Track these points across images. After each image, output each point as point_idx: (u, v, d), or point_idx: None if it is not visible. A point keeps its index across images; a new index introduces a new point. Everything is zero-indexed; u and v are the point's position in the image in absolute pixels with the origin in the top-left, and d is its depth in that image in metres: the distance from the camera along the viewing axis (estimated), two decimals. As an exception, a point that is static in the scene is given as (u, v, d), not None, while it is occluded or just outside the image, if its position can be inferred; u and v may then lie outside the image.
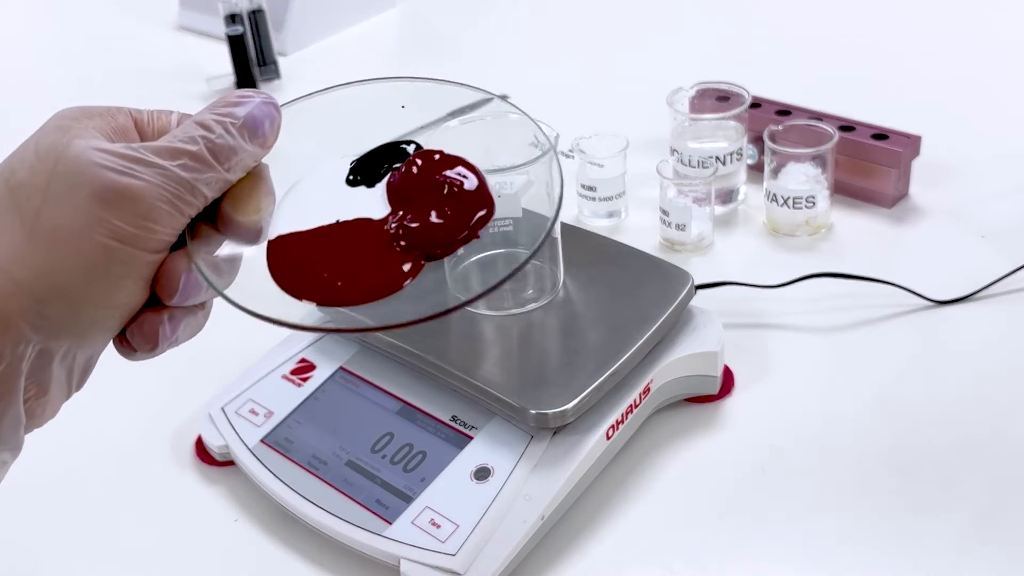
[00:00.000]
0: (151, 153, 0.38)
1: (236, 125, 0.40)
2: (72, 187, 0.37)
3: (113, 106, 0.41)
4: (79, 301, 0.37)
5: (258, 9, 1.30)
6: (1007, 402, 0.76)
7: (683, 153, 0.97)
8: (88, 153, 0.37)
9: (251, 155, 0.41)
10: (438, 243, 0.42)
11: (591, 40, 1.40)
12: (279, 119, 0.42)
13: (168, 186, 0.38)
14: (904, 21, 1.35)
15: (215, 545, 0.71)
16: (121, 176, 0.37)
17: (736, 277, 0.87)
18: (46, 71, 1.49)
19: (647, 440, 0.75)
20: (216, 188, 0.40)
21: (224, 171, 0.39)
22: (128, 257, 0.37)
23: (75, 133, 0.38)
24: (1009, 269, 0.87)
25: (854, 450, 0.73)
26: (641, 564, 0.67)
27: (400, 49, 1.51)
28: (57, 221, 0.36)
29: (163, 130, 0.41)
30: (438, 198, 0.42)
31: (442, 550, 0.64)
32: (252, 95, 0.41)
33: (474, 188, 0.43)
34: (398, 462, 0.69)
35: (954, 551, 0.66)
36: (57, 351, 0.38)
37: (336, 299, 0.41)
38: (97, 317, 0.38)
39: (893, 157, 0.95)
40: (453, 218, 0.42)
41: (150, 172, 0.37)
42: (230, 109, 0.40)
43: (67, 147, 0.37)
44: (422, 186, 0.43)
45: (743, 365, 0.80)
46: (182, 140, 0.39)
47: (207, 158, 0.39)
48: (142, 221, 0.37)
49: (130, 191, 0.37)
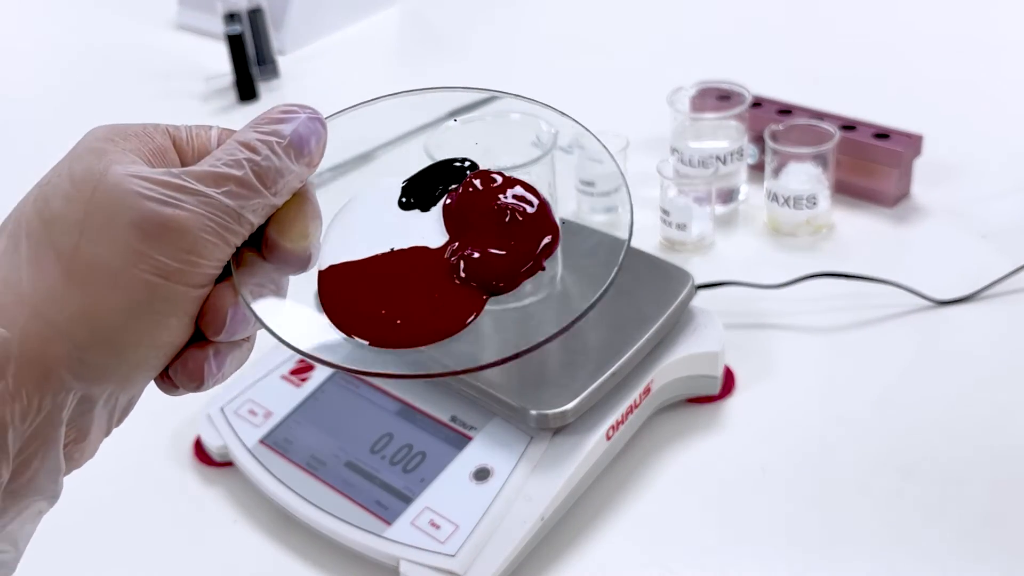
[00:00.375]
0: (194, 180, 0.35)
1: (282, 145, 0.37)
2: (111, 219, 0.34)
3: (149, 124, 0.38)
4: (122, 344, 0.35)
5: (257, 8, 1.30)
6: (1008, 402, 0.76)
7: (684, 152, 0.97)
8: (127, 181, 0.34)
9: (297, 176, 0.38)
10: (502, 276, 0.39)
11: (592, 38, 1.40)
12: (325, 136, 0.39)
13: (213, 216, 0.35)
14: (905, 20, 1.35)
15: (214, 546, 0.71)
16: (163, 207, 0.34)
17: (737, 277, 0.87)
18: (45, 70, 1.49)
19: (647, 441, 0.74)
20: (262, 214, 0.37)
21: (271, 195, 0.37)
22: (172, 294, 0.35)
23: (112, 157, 0.35)
24: (1011, 269, 0.86)
25: (855, 450, 0.73)
26: (641, 565, 0.67)
27: (400, 48, 1.50)
28: (96, 257, 0.34)
29: (203, 149, 0.39)
30: (499, 226, 0.39)
31: (442, 551, 0.63)
32: (296, 110, 0.38)
33: (537, 213, 0.40)
34: (397, 463, 0.69)
35: (955, 551, 0.65)
36: (99, 396, 0.36)
37: (394, 340, 0.37)
38: (140, 359, 0.36)
39: (894, 157, 0.95)
40: (517, 248, 0.39)
41: (194, 201, 0.35)
42: (275, 127, 0.37)
43: (104, 174, 0.35)
44: (482, 212, 0.40)
45: (744, 365, 0.80)
46: (226, 164, 0.36)
47: (253, 183, 0.36)
48: (186, 255, 0.35)
49: (174, 223, 0.34)
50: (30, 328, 0.34)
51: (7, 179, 1.20)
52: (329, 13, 1.47)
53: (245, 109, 1.28)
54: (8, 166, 1.24)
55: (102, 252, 0.34)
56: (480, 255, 0.39)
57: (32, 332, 0.34)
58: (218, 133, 0.39)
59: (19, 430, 0.34)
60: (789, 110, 1.00)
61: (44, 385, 0.34)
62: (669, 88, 0.99)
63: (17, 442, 0.34)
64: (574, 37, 1.41)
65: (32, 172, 0.38)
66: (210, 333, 0.37)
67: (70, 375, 0.34)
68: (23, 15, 1.70)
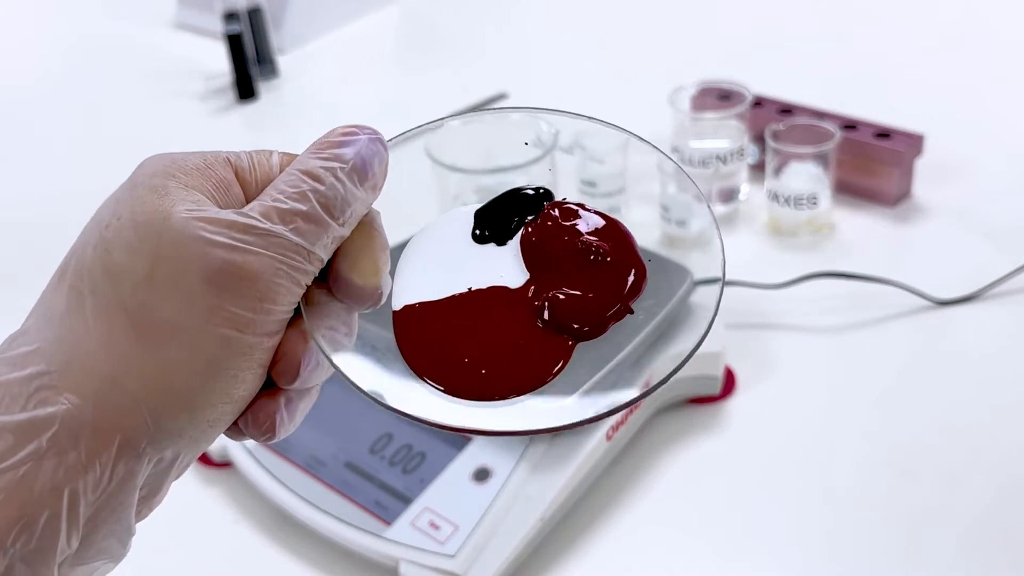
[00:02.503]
0: (261, 218, 0.33)
1: (345, 170, 0.35)
2: (180, 272, 0.32)
3: (209, 154, 0.36)
4: (198, 406, 0.33)
5: (256, 7, 1.30)
6: (1010, 402, 0.76)
7: (684, 152, 0.97)
8: (193, 227, 0.32)
9: (363, 203, 0.35)
10: (589, 321, 0.36)
11: (592, 37, 1.40)
12: (387, 157, 0.36)
13: (283, 256, 0.33)
14: (906, 20, 1.35)
15: (213, 547, 0.71)
16: (232, 253, 0.32)
17: (738, 277, 0.87)
18: (45, 69, 1.48)
19: (648, 441, 0.74)
20: (331, 248, 0.35)
21: (339, 226, 0.35)
22: (248, 346, 0.33)
23: (174, 198, 0.33)
24: (1012, 268, 0.86)
25: (856, 450, 0.73)
26: (642, 566, 0.67)
27: (399, 47, 1.50)
28: (167, 315, 0.32)
29: (265, 177, 0.36)
30: (584, 265, 0.37)
31: (441, 551, 0.63)
32: (357, 132, 0.36)
33: (622, 251, 0.38)
34: (397, 463, 0.69)
35: (956, 552, 0.65)
36: (174, 457, 0.34)
37: (479, 390, 0.35)
38: (216, 417, 0.34)
39: (896, 156, 0.95)
40: (603, 289, 0.37)
41: (263, 243, 0.33)
42: (336, 151, 0.35)
43: (168, 219, 0.32)
44: (564, 250, 0.37)
45: (745, 365, 0.80)
46: (291, 197, 0.34)
47: (321, 216, 0.34)
48: (259, 303, 0.33)
49: (244, 270, 0.32)
50: (103, 395, 0.32)
51: (8, 179, 1.20)
52: (328, 12, 1.47)
53: (244, 108, 1.28)
54: (8, 166, 1.24)
55: (173, 309, 0.32)
56: (566, 298, 0.36)
57: (105, 400, 0.32)
58: (280, 158, 0.37)
59: (90, 500, 0.32)
60: (790, 109, 1.00)
61: (118, 454, 0.32)
62: (670, 87, 0.99)
63: (88, 511, 0.32)
64: (575, 36, 1.41)
65: (32, 172, 0.38)
66: (283, 382, 0.35)
67: (145, 441, 0.33)
68: (23, 14, 1.70)
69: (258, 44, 1.31)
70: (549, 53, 1.37)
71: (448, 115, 0.41)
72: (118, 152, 1.27)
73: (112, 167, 1.31)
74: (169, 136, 1.23)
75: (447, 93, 1.23)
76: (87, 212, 0.36)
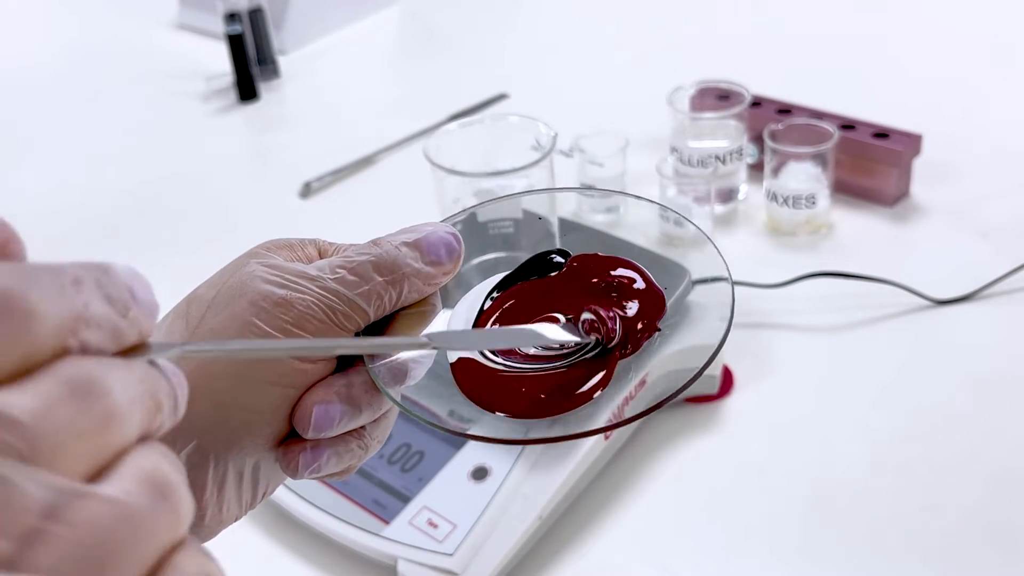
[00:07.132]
0: (314, 268, 0.39)
1: (407, 243, 0.40)
2: (234, 298, 0.38)
3: (307, 238, 0.42)
4: (225, 404, 0.37)
5: (257, 8, 1.30)
6: (1007, 401, 0.76)
7: (683, 152, 0.97)
8: (258, 270, 0.39)
9: (424, 277, 0.40)
10: (632, 341, 0.41)
11: (591, 38, 1.40)
12: (459, 248, 0.41)
13: (323, 296, 0.38)
14: (905, 20, 1.35)
15: (212, 546, 0.71)
16: (279, 288, 0.38)
17: (736, 276, 0.87)
18: (46, 69, 1.49)
19: (646, 440, 0.74)
20: (377, 303, 0.39)
21: (387, 284, 0.39)
22: (271, 359, 0.38)
23: (259, 257, 0.40)
24: (1010, 268, 0.86)
25: (853, 450, 0.73)
26: (639, 564, 0.67)
27: (400, 47, 1.51)
28: (214, 325, 0.38)
29: None
30: (616, 296, 0.43)
31: (439, 550, 0.64)
32: (438, 224, 0.41)
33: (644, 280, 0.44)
34: (396, 462, 0.69)
35: (954, 550, 0.65)
36: (207, 455, 0.37)
37: (539, 411, 0.40)
38: (242, 421, 0.38)
39: (894, 156, 0.95)
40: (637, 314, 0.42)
41: (308, 285, 0.38)
42: (409, 232, 0.41)
43: (243, 266, 0.39)
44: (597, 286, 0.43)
45: (743, 364, 0.80)
46: (348, 254, 0.39)
47: (366, 271, 0.39)
48: (288, 326, 0.37)
49: (283, 299, 0.38)
50: None
51: (9, 178, 1.20)
52: (329, 13, 1.47)
53: (245, 109, 1.28)
54: (8, 166, 1.24)
55: (220, 322, 0.38)
56: (607, 313, 0.41)
57: None
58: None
59: None
60: (788, 109, 1.00)
61: None
62: (669, 87, 0.99)
63: None
64: (574, 36, 1.41)
65: (32, 172, 0.38)
66: (299, 430, 0.39)
67: None
68: (24, 15, 1.71)
69: (259, 45, 1.32)
70: (549, 53, 1.37)
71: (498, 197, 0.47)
72: (119, 152, 1.27)
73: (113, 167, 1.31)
74: (170, 136, 1.24)
75: (447, 94, 1.23)
76: (88, 210, 0.36)
